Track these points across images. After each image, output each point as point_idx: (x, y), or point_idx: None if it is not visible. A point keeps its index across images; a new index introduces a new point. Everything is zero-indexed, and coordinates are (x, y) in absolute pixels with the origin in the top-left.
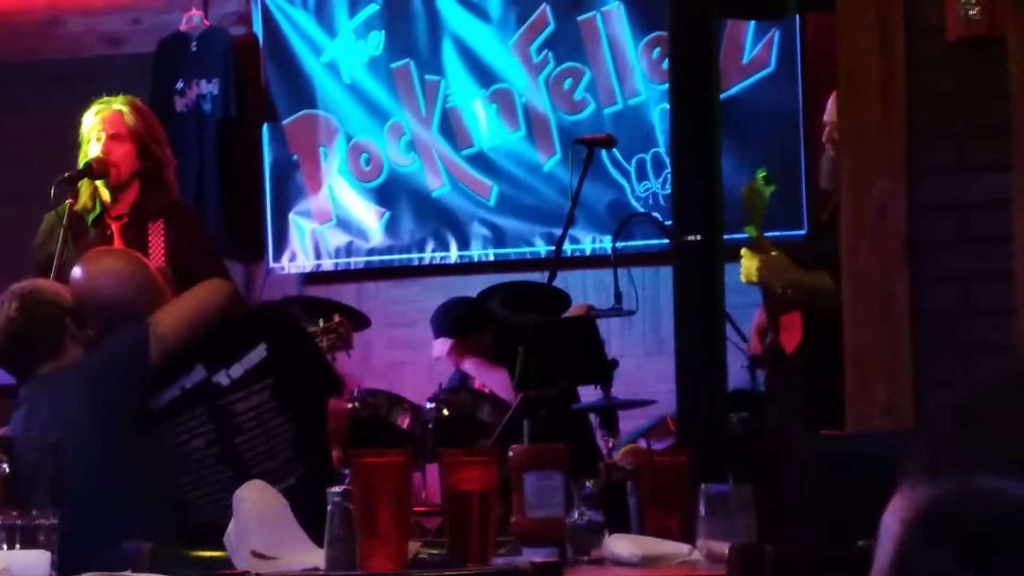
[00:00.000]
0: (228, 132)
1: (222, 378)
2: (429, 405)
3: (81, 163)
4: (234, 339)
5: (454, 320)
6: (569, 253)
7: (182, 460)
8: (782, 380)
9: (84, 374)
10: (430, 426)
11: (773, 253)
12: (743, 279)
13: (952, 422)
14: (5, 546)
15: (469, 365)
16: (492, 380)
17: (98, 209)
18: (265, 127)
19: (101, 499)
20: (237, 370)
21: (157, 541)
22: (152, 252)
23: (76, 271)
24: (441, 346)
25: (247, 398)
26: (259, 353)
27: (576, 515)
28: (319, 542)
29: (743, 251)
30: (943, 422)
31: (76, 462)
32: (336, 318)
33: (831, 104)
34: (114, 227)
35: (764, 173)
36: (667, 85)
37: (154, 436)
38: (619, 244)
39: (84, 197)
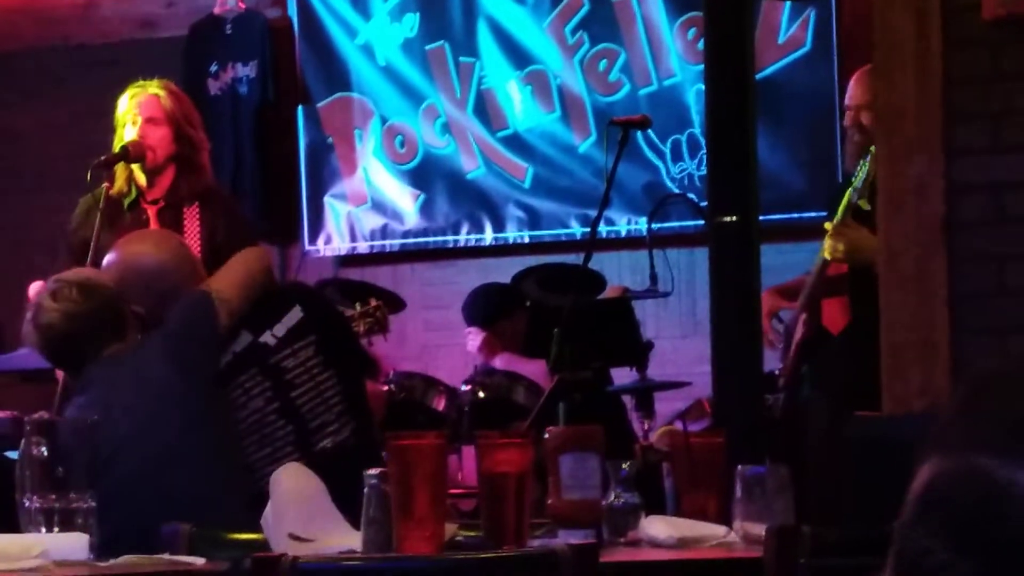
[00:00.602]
0: (264, 115)
1: (268, 338)
2: (465, 387)
3: (117, 147)
4: (270, 304)
5: (485, 307)
6: (604, 235)
7: (243, 422)
8: (826, 362)
9: (167, 343)
10: (466, 408)
11: (857, 230)
12: (827, 256)
13: (962, 401)
14: (44, 529)
15: (500, 362)
16: (526, 372)
17: (134, 193)
18: (300, 110)
19: (200, 464)
20: (280, 330)
21: (247, 506)
22: (188, 236)
23: (113, 254)
24: (473, 340)
25: (294, 354)
26: (296, 314)
27: (612, 497)
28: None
29: (828, 227)
30: (955, 400)
31: (173, 429)
32: (373, 302)
33: (852, 87)
34: (150, 211)
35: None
36: (702, 66)
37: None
38: (654, 225)
39: (120, 181)
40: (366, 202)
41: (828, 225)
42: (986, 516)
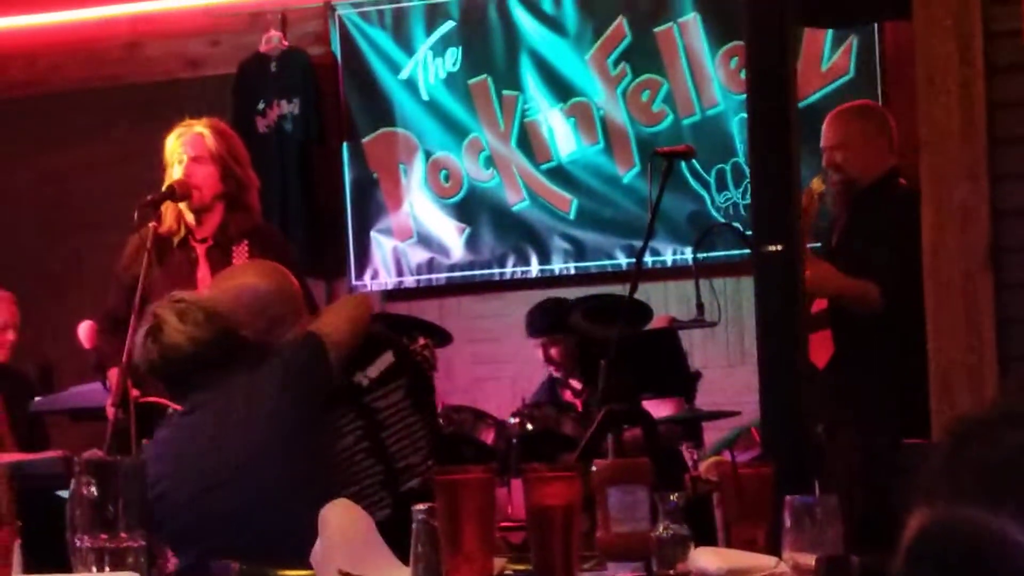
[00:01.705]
0: (309, 151)
1: (361, 379)
2: (513, 420)
3: (164, 186)
4: (364, 346)
5: (542, 318)
6: (650, 265)
7: (332, 459)
8: (813, 395)
9: (282, 378)
10: (514, 441)
11: (818, 264)
12: None
13: (946, 450)
14: (95, 568)
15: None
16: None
17: (183, 231)
18: (345, 145)
19: (302, 500)
20: (373, 372)
21: None
22: None
23: (221, 282)
24: (535, 346)
25: (386, 396)
26: (388, 358)
27: (661, 529)
28: None
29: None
30: (940, 449)
31: (280, 462)
32: (421, 340)
33: (825, 128)
34: (199, 249)
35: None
36: (745, 95)
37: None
38: (700, 255)
39: (169, 219)
40: (412, 236)
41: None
42: (975, 567)
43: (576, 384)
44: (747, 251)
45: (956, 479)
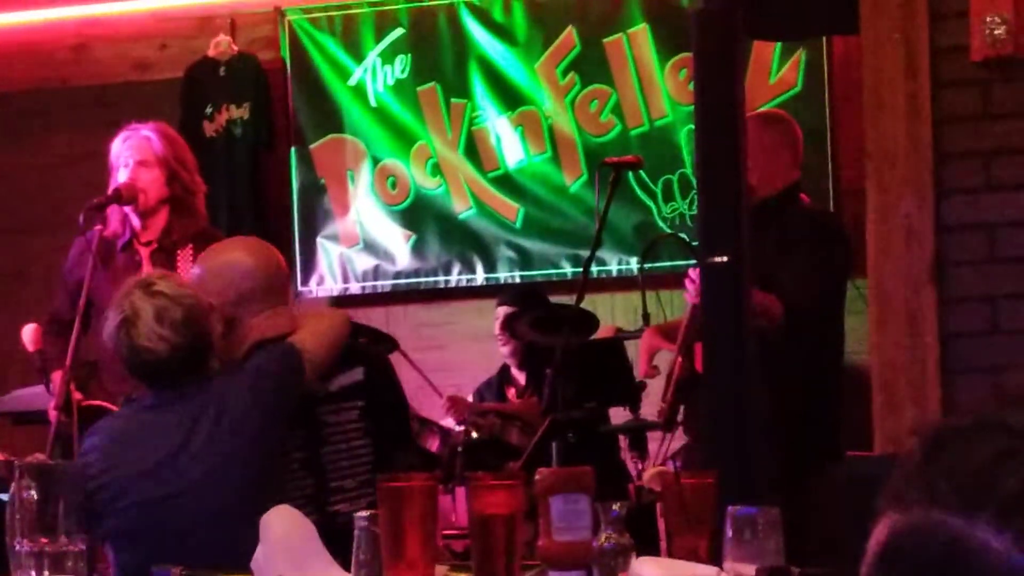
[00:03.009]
0: (258, 157)
1: (319, 389)
2: (458, 428)
3: (110, 189)
4: (337, 357)
5: (517, 291)
6: (596, 275)
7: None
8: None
9: (255, 382)
10: (459, 449)
11: None
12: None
13: (921, 454)
14: (34, 572)
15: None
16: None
17: (127, 235)
18: (292, 151)
19: (257, 507)
20: (334, 384)
21: None
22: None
23: (209, 258)
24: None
25: (338, 412)
26: (356, 375)
27: (603, 538)
28: None
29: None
30: (916, 453)
31: (246, 467)
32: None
33: None
34: (143, 252)
35: None
36: (693, 106)
37: None
38: (646, 265)
39: (114, 223)
40: (358, 243)
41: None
42: (951, 572)
43: (521, 381)
44: (693, 262)
45: (931, 485)
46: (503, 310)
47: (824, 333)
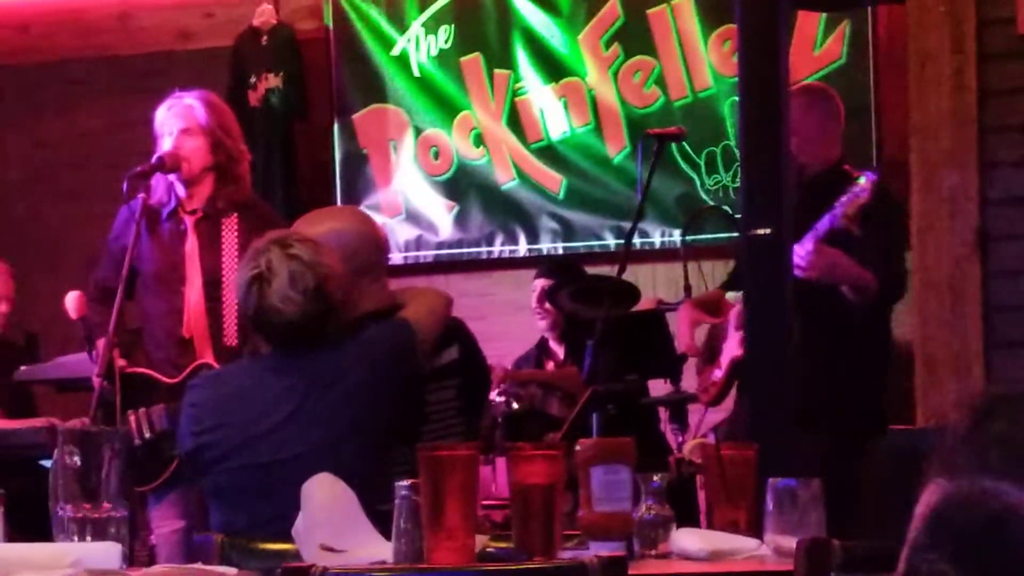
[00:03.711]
0: (291, 126)
1: (424, 366)
2: (499, 399)
3: (154, 157)
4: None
5: (555, 265)
6: (638, 246)
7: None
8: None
9: (369, 352)
10: (499, 419)
11: (827, 249)
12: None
13: (970, 421)
14: (76, 537)
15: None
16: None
17: (173, 203)
18: (335, 121)
19: (369, 476)
20: (435, 363)
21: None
22: (225, 246)
23: (321, 228)
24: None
25: (438, 391)
26: (452, 353)
27: (643, 509)
28: None
29: None
30: (962, 422)
31: (356, 439)
32: None
33: None
34: (188, 221)
35: None
36: (737, 78)
37: None
38: (689, 237)
39: (159, 191)
40: (400, 213)
41: None
42: (994, 539)
43: (559, 354)
44: (736, 234)
45: (980, 453)
46: (540, 283)
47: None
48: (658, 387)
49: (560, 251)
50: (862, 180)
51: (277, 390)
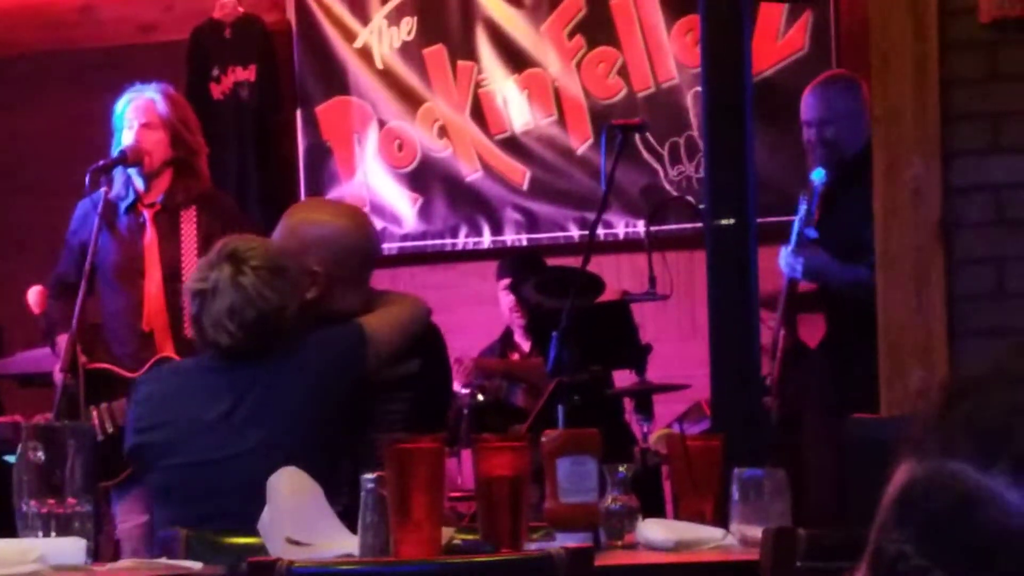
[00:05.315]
0: (265, 119)
1: (374, 376)
2: (464, 391)
3: (115, 151)
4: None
5: (518, 262)
6: (602, 238)
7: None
8: (801, 372)
9: (310, 355)
10: (465, 411)
11: (815, 251)
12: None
13: (940, 403)
14: (41, 533)
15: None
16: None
17: (131, 196)
18: (298, 113)
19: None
20: (389, 373)
21: None
22: (184, 239)
23: (305, 216)
24: (505, 296)
25: (385, 403)
26: (411, 367)
27: (609, 500)
28: None
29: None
30: (933, 402)
31: (289, 442)
32: None
33: (813, 101)
34: (147, 214)
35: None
36: (700, 68)
37: None
38: (653, 228)
39: (117, 185)
40: (365, 206)
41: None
42: (961, 523)
43: (525, 346)
44: (700, 225)
45: (948, 436)
46: (505, 283)
47: None
48: (623, 378)
49: (524, 243)
50: (816, 176)
51: (214, 389)
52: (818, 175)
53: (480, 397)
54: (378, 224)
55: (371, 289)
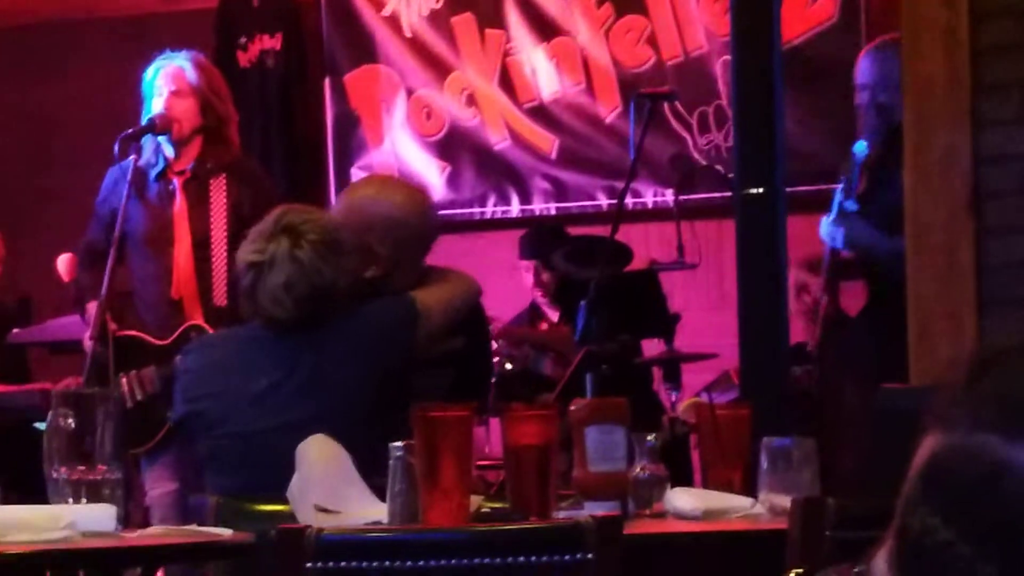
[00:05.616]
0: (290, 88)
1: (421, 352)
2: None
3: (144, 119)
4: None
5: (538, 242)
6: (631, 207)
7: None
8: (842, 340)
9: (360, 329)
10: (493, 380)
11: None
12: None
13: (966, 375)
14: (71, 500)
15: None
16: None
17: (161, 164)
18: (327, 82)
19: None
20: (434, 349)
21: None
22: (214, 206)
23: (371, 194)
24: (527, 275)
25: (427, 378)
26: (455, 343)
27: (638, 469)
28: None
29: None
30: (960, 376)
31: (337, 413)
32: None
33: (868, 64)
34: (176, 182)
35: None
36: (729, 37)
37: None
38: (681, 197)
39: (147, 152)
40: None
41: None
42: (986, 494)
43: (553, 317)
44: (728, 194)
45: (974, 408)
46: (530, 264)
47: None
48: (652, 347)
49: (553, 212)
50: (859, 148)
51: (264, 360)
52: (860, 147)
53: (508, 366)
54: None
55: (424, 265)
